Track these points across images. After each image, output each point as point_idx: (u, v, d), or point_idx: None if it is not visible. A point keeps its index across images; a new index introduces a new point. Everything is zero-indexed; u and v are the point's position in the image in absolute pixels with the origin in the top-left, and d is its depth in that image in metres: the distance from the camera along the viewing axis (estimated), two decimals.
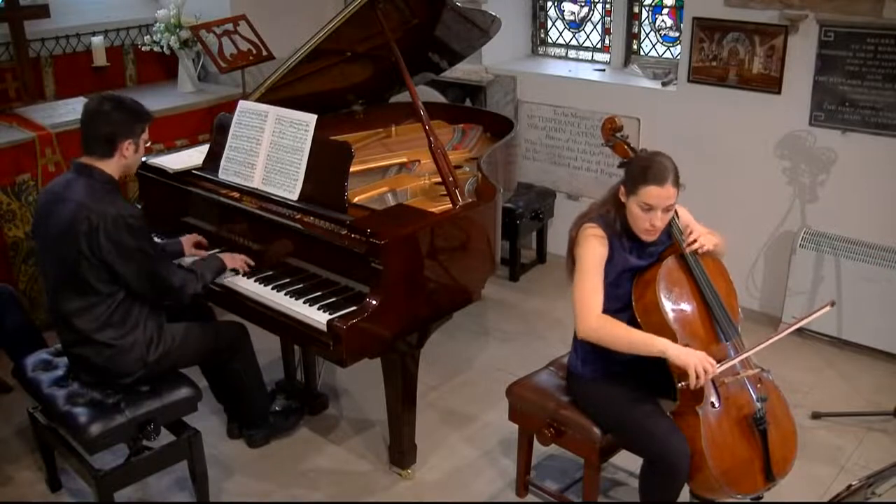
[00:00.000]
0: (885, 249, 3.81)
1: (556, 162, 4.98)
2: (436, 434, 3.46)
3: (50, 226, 2.75)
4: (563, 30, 5.23)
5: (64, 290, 2.76)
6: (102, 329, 2.76)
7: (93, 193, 2.71)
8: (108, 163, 2.77)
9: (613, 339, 2.49)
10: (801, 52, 3.88)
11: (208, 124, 4.40)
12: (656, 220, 2.52)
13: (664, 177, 2.47)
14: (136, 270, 2.72)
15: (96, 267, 2.69)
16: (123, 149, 2.77)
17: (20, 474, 3.23)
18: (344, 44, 3.44)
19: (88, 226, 2.65)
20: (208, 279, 2.96)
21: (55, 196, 2.77)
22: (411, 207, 3.08)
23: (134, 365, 2.81)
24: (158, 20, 4.80)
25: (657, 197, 2.47)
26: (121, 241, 2.67)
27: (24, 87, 4.50)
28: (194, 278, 2.90)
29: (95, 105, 2.77)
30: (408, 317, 2.87)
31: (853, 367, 3.91)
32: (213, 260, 3.04)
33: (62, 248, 2.71)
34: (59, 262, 2.74)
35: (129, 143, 2.78)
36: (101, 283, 2.72)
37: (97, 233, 2.65)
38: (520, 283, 4.89)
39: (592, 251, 2.54)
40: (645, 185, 2.47)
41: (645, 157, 2.55)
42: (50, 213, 2.76)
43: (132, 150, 2.81)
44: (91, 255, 2.67)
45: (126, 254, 2.69)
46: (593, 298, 2.51)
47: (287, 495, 3.14)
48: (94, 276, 2.70)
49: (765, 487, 2.57)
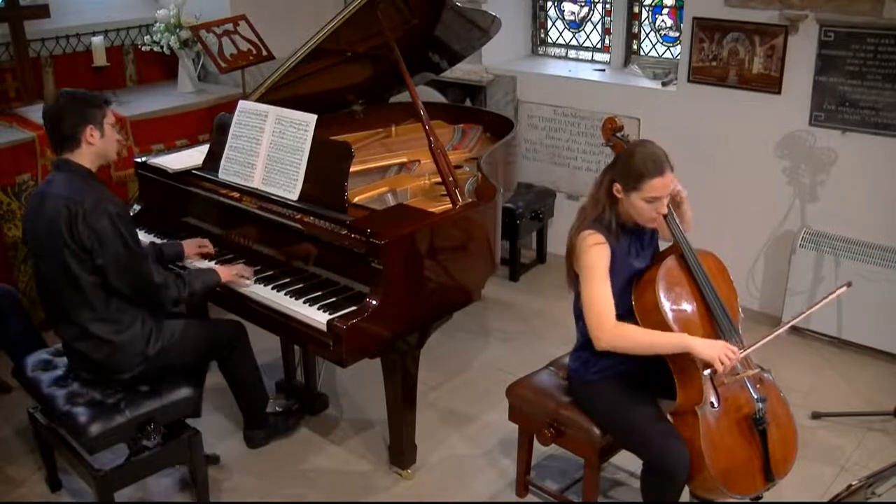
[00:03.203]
0: (885, 249, 3.81)
1: (556, 162, 4.98)
2: (436, 434, 3.46)
3: (37, 225, 2.78)
4: (563, 30, 5.23)
5: (57, 286, 2.78)
6: (98, 322, 2.76)
7: (71, 185, 2.74)
8: (79, 154, 2.80)
9: (634, 344, 2.48)
10: (801, 52, 3.88)
11: (208, 124, 4.40)
12: (662, 208, 2.53)
13: (663, 167, 2.47)
14: (114, 260, 2.71)
15: (80, 257, 2.70)
16: (87, 136, 2.79)
17: (20, 474, 3.23)
18: (344, 44, 3.44)
19: (68, 214, 2.68)
20: (196, 288, 2.90)
21: (39, 196, 2.81)
22: (411, 207, 3.08)
23: (132, 360, 2.81)
24: (158, 20, 4.80)
25: (662, 187, 2.48)
26: (99, 226, 2.69)
27: (24, 87, 4.50)
28: (180, 283, 2.86)
29: (51, 104, 2.84)
30: (408, 317, 2.87)
31: (853, 367, 3.91)
32: (207, 272, 2.99)
33: (49, 243, 2.73)
34: (48, 258, 2.77)
35: (90, 128, 2.79)
36: (88, 274, 2.73)
37: (76, 219, 2.67)
38: (520, 283, 4.89)
39: (598, 259, 2.52)
40: (648, 180, 2.46)
41: (635, 152, 2.51)
42: (36, 213, 2.79)
43: (97, 135, 2.81)
44: (73, 244, 2.69)
45: (104, 240, 2.69)
46: (607, 308, 2.49)
47: (287, 495, 3.14)
48: (81, 267, 2.71)
49: (764, 487, 2.57)
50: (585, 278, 2.53)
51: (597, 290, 2.50)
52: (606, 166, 2.62)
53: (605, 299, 2.50)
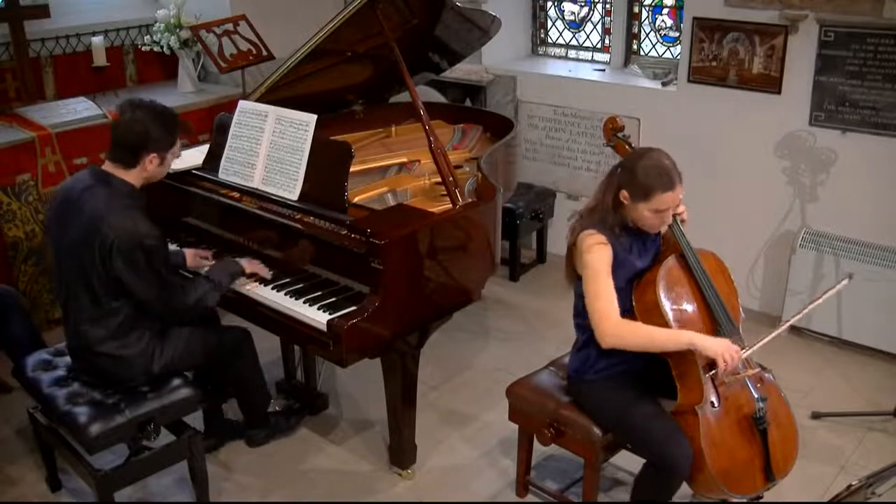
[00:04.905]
0: (885, 249, 3.81)
1: (556, 162, 4.98)
2: (436, 434, 3.46)
3: (65, 232, 2.72)
4: (563, 30, 5.23)
5: (76, 296, 2.74)
6: (108, 340, 2.75)
7: (111, 206, 2.65)
8: (130, 173, 2.72)
9: (639, 339, 2.48)
10: (801, 52, 3.88)
11: (208, 124, 4.40)
12: (668, 219, 2.55)
13: (673, 182, 2.47)
14: (147, 292, 2.69)
15: (106, 281, 2.67)
16: (147, 162, 2.71)
17: (20, 474, 3.23)
18: (344, 44, 3.44)
19: (102, 240, 2.61)
20: (225, 285, 2.89)
21: (73, 203, 2.71)
22: (411, 207, 3.08)
23: (137, 375, 2.82)
24: (158, 20, 4.80)
25: (671, 201, 2.49)
26: (134, 260, 2.63)
27: (24, 87, 4.50)
28: (211, 288, 2.84)
29: (129, 110, 2.69)
30: (408, 317, 2.87)
31: (853, 367, 3.91)
32: (230, 263, 2.97)
33: (78, 257, 2.68)
34: (72, 268, 2.72)
35: (153, 156, 2.72)
36: (110, 297, 2.70)
37: (111, 249, 2.61)
38: (520, 283, 4.89)
39: (600, 257, 2.52)
40: (658, 194, 2.46)
41: (646, 162, 2.49)
42: (66, 219, 2.72)
43: (156, 163, 2.74)
44: (103, 270, 2.65)
45: (139, 274, 2.65)
46: (611, 305, 2.49)
47: (287, 495, 3.14)
48: (106, 290, 2.69)
49: (765, 487, 2.57)
50: (588, 277, 2.53)
51: (601, 288, 2.50)
52: (613, 168, 2.61)
53: (608, 296, 2.49)
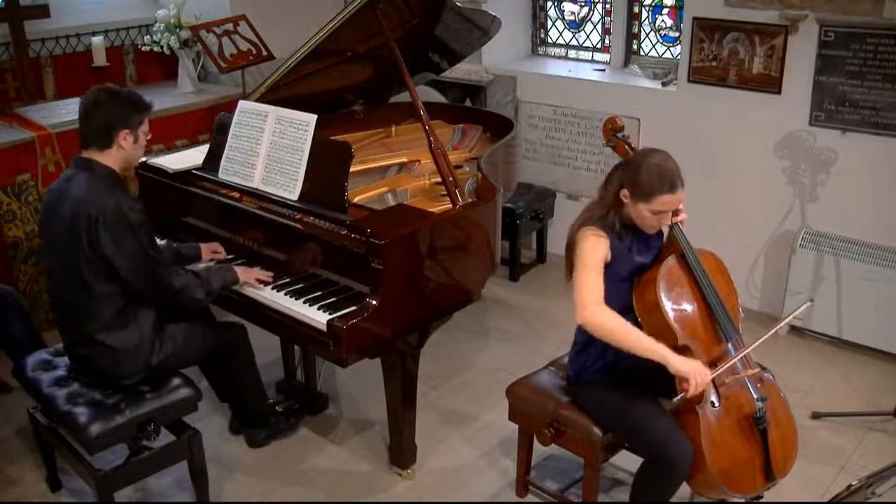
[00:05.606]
0: (885, 249, 3.81)
1: (556, 162, 4.98)
2: (436, 434, 3.46)
3: (54, 225, 2.74)
4: (563, 30, 5.23)
5: (67, 290, 2.76)
6: (104, 331, 2.75)
7: (93, 187, 2.69)
8: (107, 154, 2.75)
9: (612, 331, 2.44)
10: (801, 52, 3.88)
11: (208, 124, 4.40)
12: (666, 220, 2.56)
13: (675, 184, 2.48)
14: (135, 268, 2.70)
15: (96, 264, 2.67)
16: (121, 139, 2.74)
17: (20, 474, 3.23)
18: (344, 44, 3.44)
19: (87, 219, 2.63)
20: (214, 287, 2.89)
21: (58, 194, 2.75)
22: (411, 207, 3.08)
23: (136, 368, 2.81)
24: (158, 20, 4.81)
25: (671, 203, 2.50)
26: (119, 234, 2.65)
27: (24, 87, 4.50)
28: (198, 283, 2.85)
29: (91, 97, 2.75)
30: (408, 317, 2.87)
31: (853, 367, 3.91)
32: (225, 270, 2.98)
33: (66, 246, 2.69)
34: (62, 261, 2.74)
35: (125, 132, 2.75)
36: (101, 283, 2.70)
37: (96, 225, 2.63)
38: (520, 283, 4.89)
39: (592, 247, 2.52)
40: (659, 196, 2.47)
41: (649, 162, 2.50)
42: (54, 212, 2.75)
43: (130, 140, 2.77)
44: (91, 252, 2.65)
45: (123, 248, 2.66)
46: (594, 288, 2.47)
47: (287, 495, 3.14)
48: (95, 274, 2.69)
49: (765, 487, 2.57)
50: (577, 266, 2.52)
51: (587, 272, 2.48)
52: (616, 166, 2.62)
53: (593, 281, 2.47)
